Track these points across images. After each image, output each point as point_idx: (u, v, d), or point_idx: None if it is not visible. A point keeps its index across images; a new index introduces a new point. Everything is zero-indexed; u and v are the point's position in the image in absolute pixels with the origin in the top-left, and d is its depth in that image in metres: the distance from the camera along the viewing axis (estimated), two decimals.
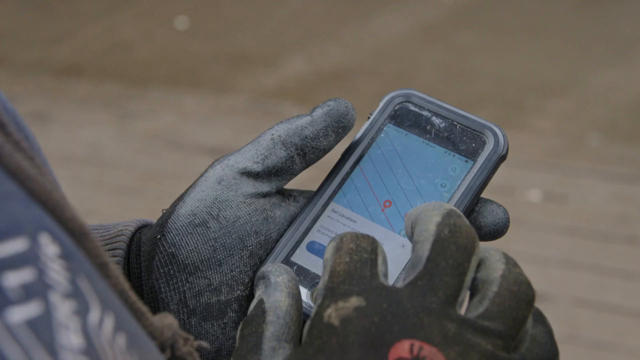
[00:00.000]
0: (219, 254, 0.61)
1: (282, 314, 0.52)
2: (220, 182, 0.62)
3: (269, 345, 0.50)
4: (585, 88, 3.64)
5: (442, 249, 0.50)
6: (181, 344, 0.49)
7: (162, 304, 0.61)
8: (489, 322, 0.49)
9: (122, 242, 0.63)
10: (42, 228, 0.36)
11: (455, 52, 3.98)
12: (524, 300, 0.50)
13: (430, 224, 0.51)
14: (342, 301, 0.48)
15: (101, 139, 3.48)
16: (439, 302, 0.48)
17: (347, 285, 0.49)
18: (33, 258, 0.35)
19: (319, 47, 4.08)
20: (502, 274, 0.51)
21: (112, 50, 4.16)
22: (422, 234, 0.51)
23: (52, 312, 0.34)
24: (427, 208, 0.53)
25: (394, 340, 0.46)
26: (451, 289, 0.49)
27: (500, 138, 0.65)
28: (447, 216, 0.51)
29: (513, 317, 0.49)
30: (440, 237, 0.50)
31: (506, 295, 0.50)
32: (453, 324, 0.48)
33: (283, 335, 0.51)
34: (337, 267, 0.50)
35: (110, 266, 0.43)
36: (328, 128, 0.63)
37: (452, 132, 0.66)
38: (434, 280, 0.49)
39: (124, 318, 0.41)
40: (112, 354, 0.37)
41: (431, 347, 0.46)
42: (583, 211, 2.94)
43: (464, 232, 0.51)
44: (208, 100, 3.70)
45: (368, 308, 0.48)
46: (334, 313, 0.48)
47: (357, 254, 0.51)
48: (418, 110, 0.68)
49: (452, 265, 0.49)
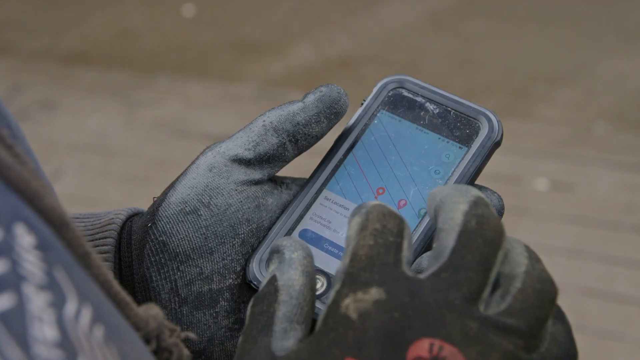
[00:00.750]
0: (210, 242, 0.60)
1: (295, 293, 0.49)
2: (212, 170, 0.61)
3: (280, 327, 0.48)
4: (593, 77, 3.62)
5: (468, 241, 0.47)
6: (167, 335, 0.48)
7: (154, 293, 0.60)
8: (511, 319, 0.47)
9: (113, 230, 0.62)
10: (17, 218, 0.36)
11: (463, 41, 3.96)
12: (547, 299, 0.48)
13: (456, 212, 0.49)
14: (361, 292, 0.46)
15: (108, 127, 3.48)
16: (462, 299, 0.46)
17: (368, 272, 0.47)
18: (6, 249, 0.34)
19: (327, 35, 4.07)
20: (525, 269, 0.48)
21: (119, 38, 4.15)
22: (448, 222, 0.49)
23: (25, 304, 0.33)
24: (453, 192, 0.50)
25: (414, 338, 0.45)
26: (475, 285, 0.47)
27: (494, 124, 0.64)
28: (474, 205, 0.49)
29: (536, 315, 0.47)
30: (467, 228, 0.48)
31: (530, 292, 0.48)
32: (475, 322, 0.46)
33: (295, 316, 0.48)
34: (360, 250, 0.48)
35: (92, 256, 0.42)
36: (320, 114, 0.63)
37: (446, 118, 0.66)
38: (459, 275, 0.47)
39: (103, 309, 0.40)
40: (88, 347, 0.36)
41: (452, 346, 0.45)
42: (590, 200, 2.93)
43: (491, 224, 0.48)
44: (215, 89, 3.69)
45: (388, 302, 0.46)
46: (352, 305, 0.46)
47: (382, 236, 0.48)
48: (412, 96, 0.67)
49: (478, 260, 0.47)
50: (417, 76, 0.68)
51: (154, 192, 2.65)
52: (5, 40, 4.18)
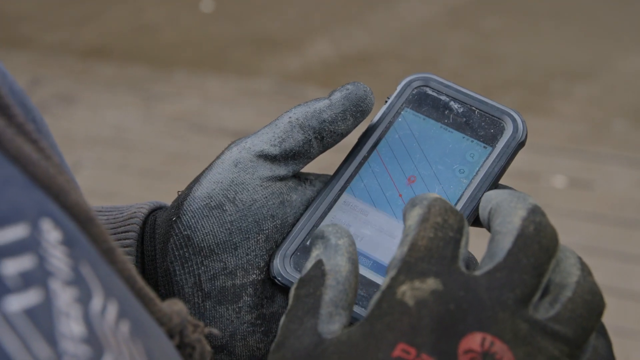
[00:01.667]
0: (234, 237, 0.60)
1: (342, 279, 0.50)
2: (237, 165, 0.61)
3: (326, 310, 0.48)
4: (612, 73, 3.61)
5: (525, 245, 0.49)
6: (190, 330, 0.49)
7: (177, 287, 0.61)
8: (559, 326, 0.48)
9: (135, 224, 0.62)
10: (44, 214, 0.36)
11: (480, 36, 3.95)
12: (595, 311, 0.49)
13: (514, 216, 0.50)
14: (418, 280, 0.47)
15: (126, 122, 3.49)
16: (515, 299, 0.47)
17: (425, 263, 0.48)
18: (34, 245, 0.34)
19: (344, 31, 4.06)
20: (577, 280, 0.50)
21: (137, 32, 4.16)
22: (506, 225, 0.50)
23: (52, 300, 0.33)
24: (511, 198, 0.52)
25: (467, 331, 0.46)
26: (529, 288, 0.48)
27: (519, 124, 0.64)
28: (532, 212, 0.50)
29: (583, 325, 0.48)
30: (525, 233, 0.49)
31: (579, 302, 0.49)
32: (525, 323, 0.47)
33: (340, 301, 0.49)
34: (420, 240, 0.49)
35: (116, 252, 0.42)
36: (346, 112, 0.63)
37: (471, 117, 0.66)
38: (513, 276, 0.48)
39: (129, 305, 0.40)
40: (115, 342, 0.36)
41: (502, 343, 0.46)
42: (608, 197, 2.92)
43: (548, 233, 0.49)
44: (232, 84, 3.70)
45: (445, 293, 0.47)
46: (410, 292, 0.47)
47: (443, 230, 0.49)
48: (436, 95, 0.67)
49: (533, 265, 0.48)
50: (435, 72, 0.68)
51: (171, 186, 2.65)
52: (25, 33, 4.19)
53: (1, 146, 0.36)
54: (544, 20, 4.06)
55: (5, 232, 0.33)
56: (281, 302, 0.62)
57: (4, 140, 0.36)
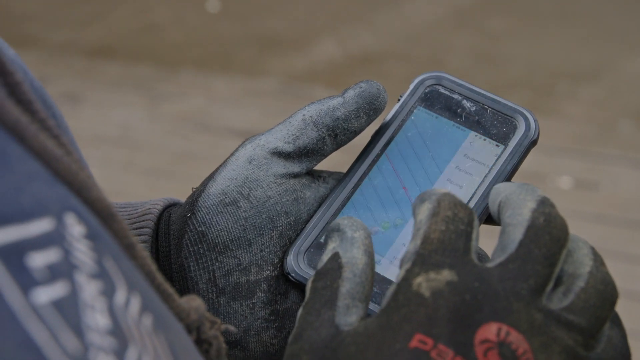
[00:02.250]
0: (249, 233, 0.61)
1: (359, 271, 0.50)
2: (251, 162, 0.62)
3: (343, 302, 0.49)
4: (617, 74, 3.61)
5: (536, 236, 0.49)
6: (207, 327, 0.49)
7: (191, 283, 0.61)
8: (573, 316, 0.48)
9: (149, 220, 0.63)
10: (67, 208, 0.36)
11: (486, 37, 3.96)
12: (608, 301, 0.50)
13: (524, 208, 0.50)
14: (433, 272, 0.47)
15: (132, 121, 3.49)
16: (528, 289, 0.48)
17: (439, 255, 0.48)
18: (59, 238, 0.34)
19: (350, 31, 4.07)
20: (590, 270, 0.50)
21: (143, 32, 4.17)
22: (516, 217, 0.50)
23: (78, 292, 0.33)
24: (519, 190, 0.52)
25: (483, 321, 0.46)
26: (542, 278, 0.48)
27: (531, 122, 0.64)
28: (541, 204, 0.51)
29: (596, 315, 0.49)
30: (535, 224, 0.50)
31: (592, 292, 0.49)
32: (540, 313, 0.47)
33: (357, 294, 0.49)
34: (432, 234, 0.49)
35: (137, 247, 0.42)
36: (360, 110, 0.63)
37: (483, 116, 0.66)
38: (526, 266, 0.48)
39: (150, 299, 0.40)
40: (138, 335, 0.36)
41: (518, 333, 0.46)
42: (614, 199, 2.92)
43: (558, 224, 0.50)
44: (238, 83, 3.70)
45: (460, 284, 0.47)
46: (425, 283, 0.47)
47: (454, 223, 0.49)
48: (448, 93, 0.67)
49: (544, 255, 0.49)
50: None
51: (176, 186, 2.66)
52: (31, 33, 4.20)
53: (25, 142, 0.36)
54: (549, 21, 4.06)
55: (32, 226, 0.33)
56: (295, 298, 0.63)
57: (29, 137, 0.37)
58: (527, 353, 0.46)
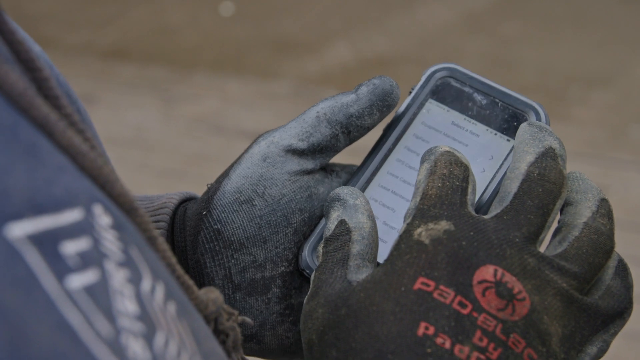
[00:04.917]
0: (264, 231, 0.61)
1: (366, 234, 0.55)
2: (266, 160, 0.62)
3: (354, 262, 0.53)
4: (629, 79, 3.61)
5: (529, 189, 0.53)
6: (225, 318, 0.50)
7: (208, 279, 0.62)
8: (565, 262, 0.52)
9: (165, 214, 0.63)
10: (95, 199, 0.37)
11: (499, 42, 3.96)
12: (601, 249, 0.53)
13: (522, 162, 0.55)
14: (432, 223, 0.52)
15: (146, 122, 3.51)
16: (521, 237, 0.51)
17: (437, 209, 0.52)
18: (88, 228, 0.35)
19: (363, 34, 4.07)
20: (585, 221, 0.54)
21: (157, 34, 4.19)
22: (514, 171, 0.54)
23: (108, 279, 0.34)
24: (526, 140, 0.56)
25: (480, 264, 0.50)
26: (534, 227, 0.52)
27: (542, 117, 0.64)
28: (541, 156, 0.55)
29: (589, 262, 0.53)
30: (529, 177, 0.54)
31: (585, 241, 0.53)
32: (532, 258, 0.51)
33: (367, 254, 0.54)
34: (430, 190, 0.53)
35: (158, 240, 0.43)
36: (373, 106, 0.63)
37: (494, 109, 0.65)
38: (519, 217, 0.52)
39: (173, 288, 0.41)
40: (164, 321, 0.37)
41: (511, 276, 0.50)
42: (624, 203, 2.92)
43: (552, 177, 0.54)
44: (251, 86, 3.71)
45: (457, 232, 0.51)
46: (425, 232, 0.51)
47: (450, 180, 0.54)
48: (460, 86, 0.67)
49: (537, 205, 0.53)
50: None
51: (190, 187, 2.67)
52: (46, 34, 4.22)
53: (54, 137, 0.37)
54: (562, 26, 4.06)
55: (64, 215, 0.34)
56: None
57: (57, 132, 0.37)
58: (522, 292, 0.50)
